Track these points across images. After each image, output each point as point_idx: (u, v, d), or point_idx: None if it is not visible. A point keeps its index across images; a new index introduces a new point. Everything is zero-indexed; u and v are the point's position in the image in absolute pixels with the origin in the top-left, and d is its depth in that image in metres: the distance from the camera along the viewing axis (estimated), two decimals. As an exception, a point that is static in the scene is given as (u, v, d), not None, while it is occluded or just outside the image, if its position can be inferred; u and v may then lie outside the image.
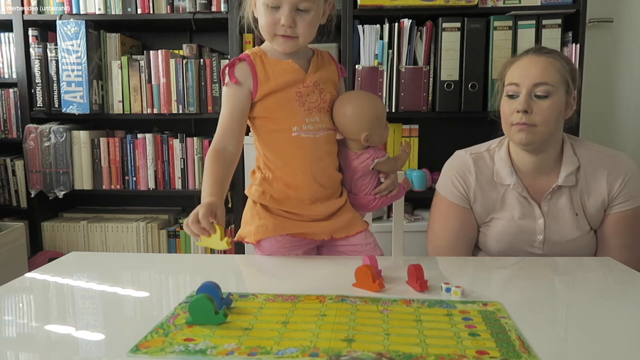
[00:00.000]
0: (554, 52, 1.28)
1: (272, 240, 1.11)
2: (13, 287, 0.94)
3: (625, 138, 2.46)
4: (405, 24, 2.08)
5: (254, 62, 1.08)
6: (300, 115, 1.09)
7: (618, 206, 1.27)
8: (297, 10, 1.04)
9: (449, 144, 2.32)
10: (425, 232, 1.45)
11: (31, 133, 2.30)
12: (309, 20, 1.05)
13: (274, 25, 1.05)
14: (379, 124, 1.15)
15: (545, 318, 0.79)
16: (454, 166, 1.36)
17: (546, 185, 1.29)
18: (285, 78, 1.09)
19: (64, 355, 0.71)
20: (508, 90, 1.26)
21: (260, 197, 1.12)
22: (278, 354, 0.65)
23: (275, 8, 1.04)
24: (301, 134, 1.10)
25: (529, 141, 1.23)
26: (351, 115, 1.12)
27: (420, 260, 0.96)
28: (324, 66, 1.15)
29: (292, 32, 1.05)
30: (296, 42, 1.07)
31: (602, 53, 2.37)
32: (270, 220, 1.11)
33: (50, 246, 2.39)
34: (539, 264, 1.13)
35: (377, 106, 1.16)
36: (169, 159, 2.33)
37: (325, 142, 1.13)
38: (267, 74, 1.08)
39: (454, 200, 1.34)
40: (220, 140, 1.08)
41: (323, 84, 1.12)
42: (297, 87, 1.09)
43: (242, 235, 1.15)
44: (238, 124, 1.09)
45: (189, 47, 2.30)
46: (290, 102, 1.09)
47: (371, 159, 1.15)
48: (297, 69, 1.10)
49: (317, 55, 1.15)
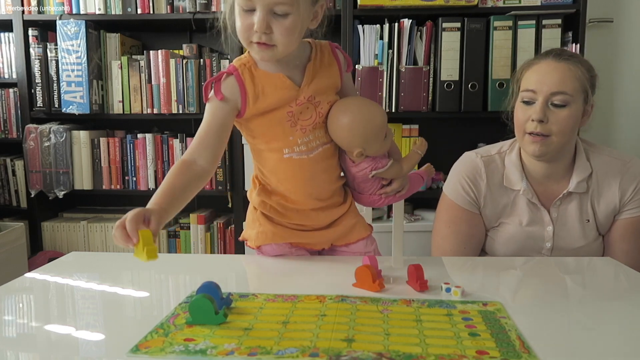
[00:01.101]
0: (574, 56, 1.22)
1: (273, 246, 1.10)
2: (13, 287, 0.94)
3: (625, 138, 2.45)
4: (405, 24, 2.08)
5: (243, 77, 0.98)
6: (292, 137, 1.01)
7: (628, 212, 1.25)
8: (273, 14, 0.91)
9: (449, 144, 2.33)
10: (425, 232, 1.44)
11: (31, 133, 2.29)
12: (286, 26, 0.92)
13: (248, 31, 0.93)
14: (375, 138, 1.03)
15: (545, 318, 0.79)
16: (464, 169, 1.31)
17: (556, 191, 1.26)
18: (276, 97, 0.98)
19: (64, 355, 0.70)
20: (524, 96, 1.21)
21: (260, 205, 1.09)
22: (278, 354, 0.65)
23: (250, 11, 0.91)
24: (293, 155, 1.02)
25: (542, 153, 1.19)
26: (344, 129, 1.02)
27: (420, 260, 0.96)
28: (322, 70, 1.03)
29: (268, 39, 0.92)
30: (274, 51, 0.94)
31: (602, 53, 2.37)
32: (270, 227, 1.08)
33: (50, 246, 2.39)
34: (539, 264, 1.13)
35: (374, 119, 1.03)
36: (169, 159, 2.33)
37: (321, 158, 1.05)
38: (256, 91, 0.98)
39: (462, 205, 1.30)
40: (192, 152, 0.96)
41: (320, 95, 1.01)
42: (289, 106, 0.99)
43: (245, 237, 1.14)
44: (215, 138, 0.97)
45: (189, 47, 2.30)
46: (281, 123, 1.00)
47: (369, 169, 1.06)
48: (289, 85, 0.99)
49: (314, 56, 1.02)
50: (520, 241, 1.28)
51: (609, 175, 1.25)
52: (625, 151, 1.41)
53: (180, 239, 2.37)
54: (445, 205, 1.34)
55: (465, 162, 1.33)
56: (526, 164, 1.28)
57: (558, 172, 1.26)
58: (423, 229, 2.08)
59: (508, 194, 1.28)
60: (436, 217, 1.37)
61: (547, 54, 1.22)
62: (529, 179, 1.27)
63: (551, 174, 1.26)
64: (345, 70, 1.08)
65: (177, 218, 2.47)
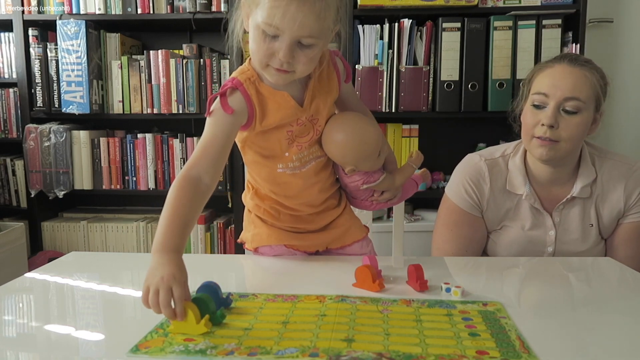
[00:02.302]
0: (589, 63, 1.19)
1: (269, 248, 1.10)
2: (13, 287, 0.94)
3: (625, 138, 2.45)
4: (405, 24, 2.08)
5: (249, 93, 0.93)
6: (287, 153, 1.00)
7: (632, 216, 1.24)
8: (299, 44, 0.86)
9: (449, 144, 2.34)
10: (425, 232, 1.43)
11: (31, 133, 2.29)
12: (310, 57, 0.89)
13: (269, 57, 0.88)
14: (367, 158, 1.03)
15: (546, 318, 0.79)
16: (467, 172, 1.29)
17: (560, 195, 1.25)
18: (279, 116, 0.95)
19: (64, 355, 0.71)
20: (534, 100, 1.18)
21: (254, 209, 1.10)
22: (278, 354, 0.65)
23: (273, 37, 0.86)
24: (287, 171, 1.01)
25: (549, 158, 1.17)
26: (337, 146, 1.02)
27: (420, 260, 0.96)
28: (322, 86, 1.00)
29: (289, 67, 0.88)
30: (291, 76, 0.91)
31: (602, 53, 2.36)
32: (265, 230, 1.08)
33: (50, 246, 2.39)
34: (539, 264, 1.13)
35: (368, 140, 1.01)
36: (169, 159, 2.33)
37: (314, 172, 1.04)
38: (263, 109, 0.94)
39: (465, 208, 1.29)
40: (195, 165, 0.87)
41: (319, 113, 1.00)
42: (290, 125, 0.97)
43: (242, 239, 1.15)
44: (220, 152, 0.91)
45: (189, 47, 2.30)
46: (279, 141, 0.98)
47: (361, 182, 1.06)
48: (293, 105, 0.96)
49: (315, 70, 0.97)
50: (522, 245, 1.27)
51: (614, 179, 1.23)
52: (625, 151, 1.40)
53: (180, 239, 2.36)
54: (447, 207, 1.32)
55: (469, 165, 1.31)
56: (530, 167, 1.26)
57: (562, 176, 1.24)
58: (423, 229, 2.08)
59: (511, 197, 1.27)
60: (437, 219, 1.36)
61: (562, 58, 1.19)
62: (532, 183, 1.26)
63: (555, 179, 1.24)
64: (344, 81, 1.05)
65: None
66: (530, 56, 2.07)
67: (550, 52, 2.00)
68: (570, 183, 1.25)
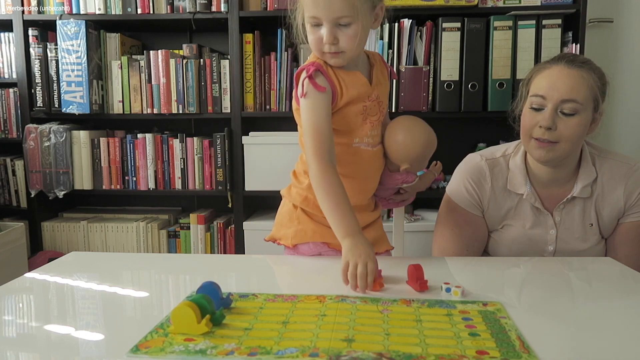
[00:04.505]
0: (587, 63, 1.18)
1: (311, 245, 1.11)
2: (13, 287, 0.94)
3: (625, 138, 2.46)
4: (405, 24, 2.08)
5: (327, 72, 1.05)
6: (363, 129, 1.09)
7: (632, 215, 1.24)
8: (338, 25, 1.00)
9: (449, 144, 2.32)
10: (425, 232, 1.44)
11: (31, 133, 2.29)
12: (351, 35, 1.01)
13: (319, 44, 1.03)
14: (424, 159, 1.16)
15: (545, 318, 0.79)
16: (469, 172, 1.30)
17: (560, 195, 1.25)
18: (357, 91, 1.07)
19: (64, 355, 0.71)
20: (533, 102, 1.18)
21: (302, 202, 1.12)
22: (278, 354, 0.65)
23: (317, 26, 1.02)
24: (361, 145, 1.10)
25: (548, 159, 1.18)
26: (402, 145, 1.12)
27: (420, 260, 0.96)
28: (381, 75, 1.13)
29: (337, 49, 1.02)
30: (343, 57, 1.04)
31: (602, 53, 2.37)
32: (310, 225, 1.11)
33: (50, 246, 2.39)
34: (539, 264, 1.13)
35: (432, 145, 1.15)
36: (169, 159, 2.33)
37: (379, 155, 1.14)
38: (341, 85, 1.05)
39: (466, 207, 1.29)
40: (328, 151, 1.01)
41: (382, 96, 1.12)
42: (364, 101, 1.08)
43: (276, 237, 1.15)
44: (330, 129, 1.04)
45: (189, 47, 2.30)
46: (356, 116, 1.08)
47: (400, 181, 1.17)
48: (365, 82, 1.08)
49: (373, 63, 1.12)
50: (523, 244, 1.27)
51: (614, 179, 1.23)
52: (625, 151, 1.40)
53: (180, 239, 2.36)
54: (449, 207, 1.33)
55: (470, 165, 1.31)
56: (531, 167, 1.26)
57: (563, 176, 1.24)
58: (423, 229, 2.08)
59: (512, 197, 1.27)
60: (438, 219, 1.36)
61: (559, 59, 1.19)
62: (533, 183, 1.26)
63: (556, 178, 1.24)
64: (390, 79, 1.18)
65: (177, 218, 2.47)
66: (530, 56, 2.07)
67: (550, 52, 2.00)
68: (570, 183, 1.25)
